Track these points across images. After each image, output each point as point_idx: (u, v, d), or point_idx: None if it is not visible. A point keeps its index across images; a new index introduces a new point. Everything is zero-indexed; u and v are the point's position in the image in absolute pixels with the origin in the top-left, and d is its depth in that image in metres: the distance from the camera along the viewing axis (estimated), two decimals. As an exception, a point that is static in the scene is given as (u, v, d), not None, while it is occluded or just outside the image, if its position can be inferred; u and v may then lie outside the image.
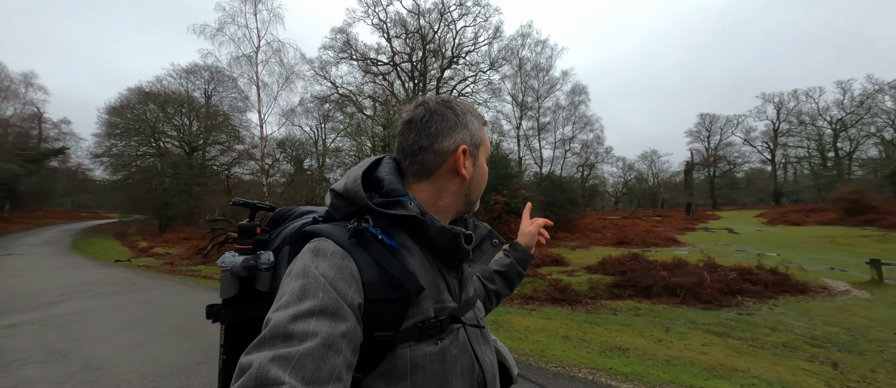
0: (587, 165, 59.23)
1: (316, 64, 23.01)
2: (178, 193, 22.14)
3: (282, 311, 0.44)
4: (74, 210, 39.27)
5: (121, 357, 3.19)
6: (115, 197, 25.41)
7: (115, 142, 23.28)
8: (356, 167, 0.63)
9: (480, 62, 25.36)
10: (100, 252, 14.29)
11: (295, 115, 26.61)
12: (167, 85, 26.11)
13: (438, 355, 0.53)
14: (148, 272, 8.98)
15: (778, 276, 6.18)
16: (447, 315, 0.57)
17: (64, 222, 29.21)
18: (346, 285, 0.48)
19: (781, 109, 45.00)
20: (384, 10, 24.43)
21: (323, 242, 0.53)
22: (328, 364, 0.41)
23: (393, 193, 0.59)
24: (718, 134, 50.41)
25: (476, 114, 0.67)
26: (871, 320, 4.37)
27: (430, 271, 0.58)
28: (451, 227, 0.59)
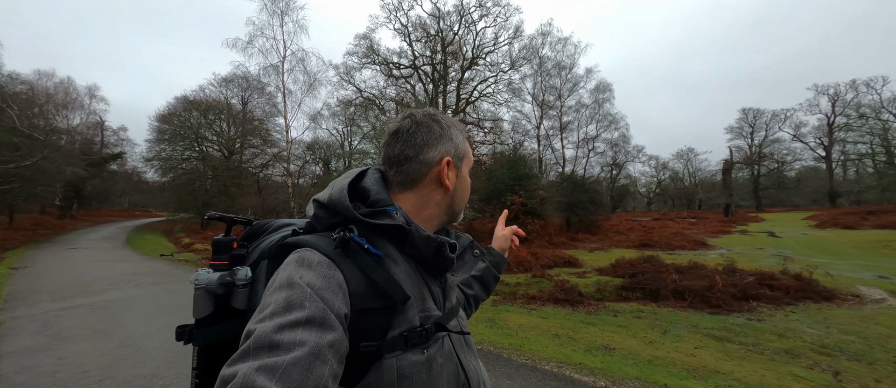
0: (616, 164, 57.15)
1: (341, 70, 24.02)
2: (218, 193, 23.90)
3: (267, 321, 0.43)
4: (130, 209, 43.42)
5: (150, 338, 3.67)
6: (163, 197, 27.83)
7: (163, 146, 25.53)
8: (341, 178, 0.64)
9: (501, 62, 25.27)
10: (149, 247, 15.81)
11: (322, 118, 27.90)
12: (209, 93, 28.23)
13: (425, 364, 0.53)
14: (185, 266, 9.89)
15: (802, 281, 5.80)
16: (432, 324, 0.57)
17: (122, 219, 32.43)
18: (333, 295, 0.48)
19: (837, 102, 41.08)
20: (405, 15, 24.98)
21: (307, 252, 0.53)
22: (315, 374, 0.40)
23: (379, 202, 0.60)
24: (763, 130, 46.90)
25: (460, 128, 0.69)
26: (891, 328, 4.06)
27: (415, 280, 0.59)
28: (437, 236, 0.60)
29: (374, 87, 24.94)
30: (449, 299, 0.65)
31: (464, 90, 26.27)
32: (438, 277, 0.64)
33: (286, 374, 0.38)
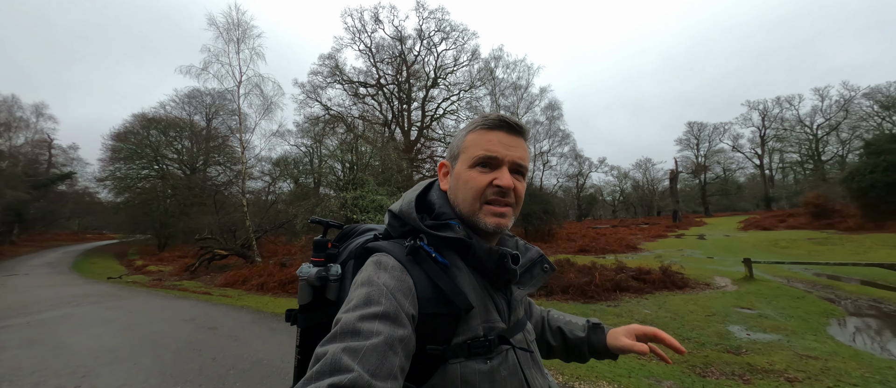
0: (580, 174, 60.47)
1: (307, 87, 24.67)
2: (178, 212, 23.37)
3: (351, 312, 0.50)
4: (80, 232, 40.86)
5: (81, 343, 4.21)
6: (117, 218, 26.73)
7: (119, 165, 24.70)
8: (411, 191, 0.69)
9: (462, 82, 26.74)
10: (97, 271, 15.41)
11: (290, 134, 28.11)
12: (170, 110, 27.68)
13: (488, 374, 0.55)
14: (132, 287, 10.04)
15: (667, 275, 7.04)
16: (496, 335, 0.59)
17: (69, 243, 30.61)
18: (404, 296, 0.53)
19: (766, 116, 45.90)
20: (369, 37, 26.09)
21: (384, 257, 0.58)
22: (388, 362, 0.46)
23: (442, 216, 0.64)
24: (707, 142, 51.31)
25: (472, 122, 0.67)
26: (702, 307, 5.25)
27: (480, 291, 0.61)
28: (498, 248, 0.62)
29: (340, 105, 25.68)
30: (515, 312, 0.65)
31: (429, 108, 27.52)
32: (503, 289, 0.65)
33: (366, 357, 0.45)
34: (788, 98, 41.48)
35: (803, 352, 3.52)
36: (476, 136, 0.65)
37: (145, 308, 6.26)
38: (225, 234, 16.00)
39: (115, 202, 26.46)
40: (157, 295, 8.12)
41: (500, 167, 0.63)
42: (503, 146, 0.63)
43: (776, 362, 3.30)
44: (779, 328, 4.28)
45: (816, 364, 3.23)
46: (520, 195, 0.65)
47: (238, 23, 13.77)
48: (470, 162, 0.64)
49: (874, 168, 15.47)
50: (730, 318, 4.73)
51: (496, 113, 0.66)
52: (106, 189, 26.72)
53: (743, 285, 6.65)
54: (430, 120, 27.39)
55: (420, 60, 27.23)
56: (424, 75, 27.46)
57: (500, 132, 0.64)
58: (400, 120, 27.41)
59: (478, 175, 0.63)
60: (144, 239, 26.09)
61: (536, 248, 0.74)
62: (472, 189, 0.63)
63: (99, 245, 28.67)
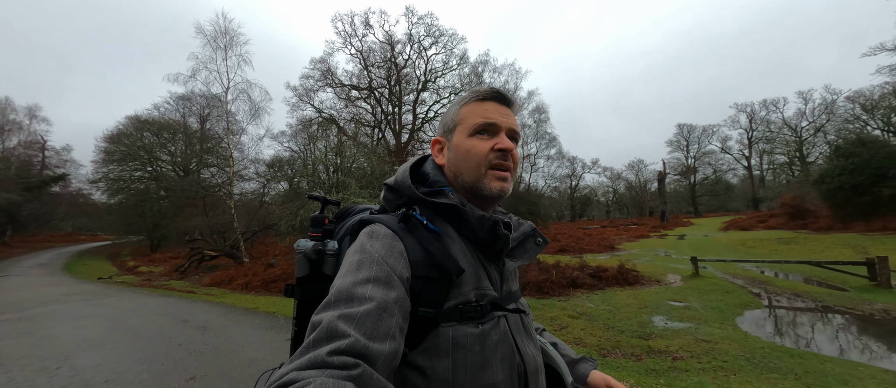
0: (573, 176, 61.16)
1: (299, 90, 25.11)
2: (172, 214, 23.66)
3: (343, 278, 0.52)
4: (74, 233, 40.99)
5: (66, 334, 4.64)
6: (109, 219, 26.98)
7: (112, 167, 24.94)
8: (405, 163, 0.73)
9: (451, 86, 27.24)
10: (88, 272, 15.75)
11: (284, 136, 28.49)
12: (164, 111, 27.92)
13: (479, 337, 0.56)
14: (121, 287, 10.43)
15: (623, 272, 7.55)
16: (487, 302, 0.60)
17: (63, 244, 30.80)
18: (395, 261, 0.55)
19: (753, 119, 46.74)
20: (360, 41, 26.55)
21: (376, 226, 0.61)
22: (384, 324, 0.48)
23: (437, 183, 0.67)
24: (697, 143, 52.11)
25: (463, 97, 0.69)
26: (639, 301, 5.74)
27: (471, 259, 0.62)
28: (491, 215, 0.64)
29: (332, 107, 26.11)
30: (507, 283, 0.67)
31: (419, 110, 27.99)
32: (495, 260, 0.67)
33: (361, 321, 0.46)
34: (774, 101, 42.36)
35: (701, 337, 4.02)
36: (472, 107, 0.67)
37: (128, 305, 6.69)
38: (215, 235, 16.39)
39: (108, 204, 26.71)
40: (143, 294, 8.54)
41: (499, 133, 0.65)
42: (499, 114, 0.66)
43: (673, 345, 3.80)
44: (695, 317, 4.79)
45: (705, 347, 3.73)
46: (516, 160, 0.67)
47: (225, 30, 14.18)
48: (469, 131, 0.65)
49: (842, 171, 16.09)
50: (658, 310, 5.23)
51: (489, 86, 0.68)
52: (99, 191, 27.00)
53: (688, 282, 7.16)
54: (421, 122, 27.84)
55: (411, 64, 27.70)
56: (415, 79, 27.94)
57: (494, 103, 0.67)
58: (391, 122, 27.86)
59: (479, 142, 0.65)
60: (137, 240, 26.36)
61: (529, 222, 0.76)
62: (476, 155, 0.64)
63: (92, 246, 28.90)
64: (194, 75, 13.77)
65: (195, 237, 16.32)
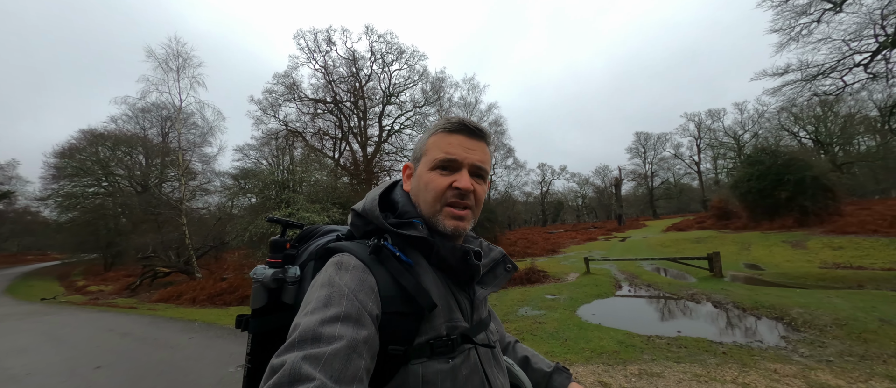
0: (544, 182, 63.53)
1: (263, 104, 25.41)
2: (128, 231, 23.07)
3: (310, 316, 0.48)
4: (20, 253, 38.61)
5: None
6: (59, 238, 25.91)
7: (63, 183, 24.07)
8: (375, 190, 0.70)
9: (413, 100, 28.35)
10: (33, 293, 15.40)
11: (251, 148, 28.37)
12: (122, 123, 27.13)
13: (449, 373, 0.55)
14: (64, 306, 10.58)
15: (530, 273, 8.69)
16: (458, 335, 0.59)
17: (8, 266, 29.14)
18: (366, 296, 0.52)
19: (701, 127, 50.73)
20: (323, 57, 27.24)
21: (345, 256, 0.58)
22: (353, 365, 0.45)
23: (406, 214, 0.65)
24: (653, 150, 55.77)
25: (435, 125, 0.68)
26: (524, 295, 6.83)
27: (443, 290, 0.61)
28: (461, 246, 0.64)
29: (296, 120, 26.51)
30: (478, 312, 0.66)
31: (385, 123, 28.87)
32: (466, 288, 0.65)
33: (328, 364, 0.43)
34: (716, 111, 46.36)
35: (539, 320, 5.10)
36: (437, 138, 0.66)
37: (64, 321, 7.12)
38: (169, 251, 16.44)
39: (58, 222, 25.66)
40: (83, 311, 8.87)
41: (460, 170, 0.63)
42: (463, 149, 0.64)
43: (513, 327, 4.85)
44: (551, 306, 5.90)
45: (535, 326, 4.80)
46: (479, 198, 0.64)
47: (177, 53, 14.60)
48: (430, 164, 0.64)
49: (750, 177, 18.31)
50: (530, 303, 6.33)
51: (458, 117, 0.67)
52: (48, 208, 25.91)
53: (581, 279, 8.38)
54: (387, 135, 28.69)
55: (375, 77, 28.63)
56: (380, 92, 28.86)
57: (461, 135, 0.65)
58: (357, 135, 28.54)
59: (437, 177, 0.63)
60: (90, 259, 25.46)
61: (499, 248, 0.75)
62: (433, 191, 0.63)
63: (40, 267, 27.57)
64: (144, 97, 14.07)
65: (148, 254, 16.32)
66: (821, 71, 13.94)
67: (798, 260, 8.48)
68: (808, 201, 15.74)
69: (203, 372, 3.39)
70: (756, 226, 18.17)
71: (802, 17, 12.39)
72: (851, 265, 7.37)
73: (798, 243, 11.24)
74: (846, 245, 9.33)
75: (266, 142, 25.83)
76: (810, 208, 15.66)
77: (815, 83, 13.77)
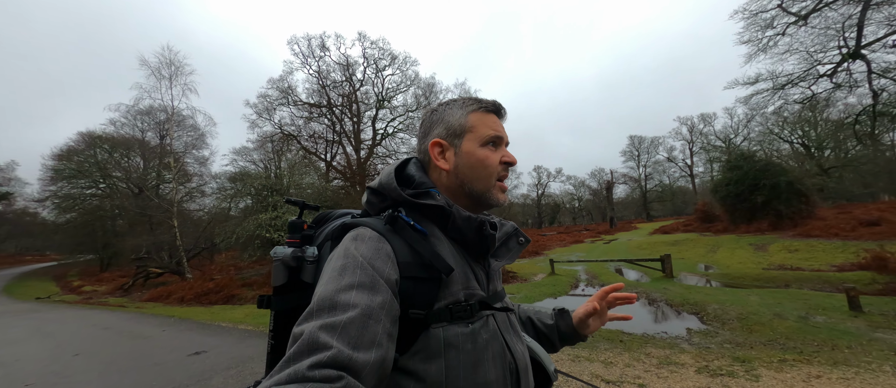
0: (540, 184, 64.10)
1: (258, 107, 25.96)
2: (124, 233, 23.45)
3: (326, 286, 0.50)
4: (19, 254, 39.08)
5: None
6: (56, 239, 26.33)
7: (61, 185, 24.45)
8: (389, 166, 0.70)
9: (404, 104, 28.91)
10: (29, 293, 15.87)
11: (247, 151, 28.86)
12: (120, 126, 27.52)
13: (470, 336, 0.56)
14: (56, 304, 11.06)
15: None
16: (476, 301, 0.60)
17: (6, 267, 29.59)
18: (382, 263, 0.54)
19: (693, 130, 51.29)
20: (317, 62, 27.81)
21: (361, 229, 0.59)
22: (369, 331, 0.46)
23: (422, 185, 0.66)
24: (646, 153, 56.33)
25: (466, 103, 0.68)
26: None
27: (459, 259, 0.62)
28: (477, 216, 0.63)
29: (290, 124, 27.03)
30: (493, 283, 0.67)
31: (378, 127, 29.40)
32: (482, 261, 0.67)
33: (345, 331, 0.45)
34: (707, 116, 46.95)
35: (485, 317, 5.59)
36: (480, 116, 0.67)
37: (55, 317, 7.59)
38: (162, 252, 16.89)
39: (56, 223, 26.07)
40: (74, 309, 9.34)
41: (504, 146, 0.67)
42: (503, 128, 0.68)
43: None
44: (503, 305, 6.39)
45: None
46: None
47: (170, 62, 15.13)
48: (481, 140, 0.65)
49: (729, 182, 18.82)
50: (487, 301, 6.81)
51: (490, 99, 0.69)
52: (46, 209, 26.35)
53: (546, 278, 8.86)
54: (380, 138, 29.22)
55: (368, 81, 29.21)
56: (374, 95, 29.43)
57: (496, 116, 0.69)
58: (350, 138, 29.09)
59: (491, 153, 0.65)
60: (86, 260, 25.90)
61: (512, 222, 0.76)
62: (490, 166, 0.65)
63: (38, 268, 28.03)
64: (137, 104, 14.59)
65: (141, 255, 16.77)
66: (789, 81, 14.51)
67: (750, 262, 8.95)
68: (782, 205, 16.23)
69: (167, 358, 3.86)
70: (735, 229, 18.63)
71: (768, 29, 12.94)
72: (791, 267, 7.83)
73: (762, 246, 11.72)
74: (802, 248, 9.81)
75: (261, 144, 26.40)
76: (784, 212, 16.15)
77: (783, 92, 14.28)
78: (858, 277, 5.80)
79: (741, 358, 3.17)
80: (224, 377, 3.23)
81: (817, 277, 6.39)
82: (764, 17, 13.13)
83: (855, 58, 12.92)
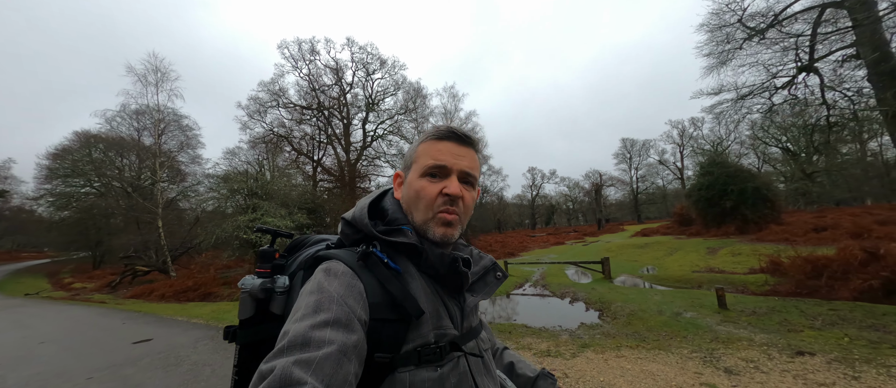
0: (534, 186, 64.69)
1: (249, 109, 26.57)
2: (117, 231, 23.91)
3: (299, 322, 0.48)
4: (15, 251, 39.65)
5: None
6: (50, 236, 26.85)
7: (57, 183, 24.89)
8: (364, 198, 0.70)
9: (393, 107, 29.52)
10: (19, 289, 16.45)
11: (241, 151, 29.32)
12: (116, 126, 27.93)
13: (437, 381, 0.54)
14: (43, 300, 11.64)
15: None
16: (447, 342, 0.58)
17: (1, 263, 30.16)
18: (354, 301, 0.52)
19: (683, 134, 51.90)
20: (307, 66, 28.40)
21: (334, 263, 0.58)
22: (343, 370, 0.45)
23: (395, 221, 0.65)
24: (638, 156, 56.93)
25: (425, 133, 0.68)
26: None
27: (432, 297, 0.61)
28: (450, 253, 0.63)
29: (282, 125, 27.62)
30: (468, 320, 0.65)
31: (368, 129, 30.00)
32: (456, 295, 0.65)
33: (319, 367, 0.43)
34: (697, 119, 47.57)
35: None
36: (427, 146, 0.66)
37: (37, 312, 8.18)
38: (149, 251, 17.46)
39: (50, 220, 26.56)
40: (58, 305, 9.94)
41: (449, 176, 0.64)
42: (452, 156, 0.64)
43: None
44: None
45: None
46: (468, 205, 0.65)
47: (156, 68, 15.72)
48: (421, 171, 0.65)
49: (701, 187, 19.43)
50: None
51: (446, 125, 0.68)
52: (41, 207, 26.86)
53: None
54: (370, 140, 29.81)
55: (358, 84, 29.81)
56: (364, 98, 30.04)
57: (450, 142, 0.66)
58: (341, 140, 29.68)
59: (428, 184, 0.63)
60: (79, 257, 26.43)
61: (490, 256, 0.75)
62: (424, 198, 0.63)
63: (32, 264, 28.61)
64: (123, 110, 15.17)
65: (129, 254, 17.35)
66: (751, 92, 15.14)
67: (691, 265, 9.54)
68: (748, 210, 16.84)
69: (116, 344, 4.46)
70: (706, 232, 19.24)
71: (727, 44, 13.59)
72: (717, 270, 8.42)
73: (715, 249, 12.33)
74: (745, 252, 10.39)
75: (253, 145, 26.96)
76: (750, 217, 16.75)
77: (744, 103, 14.91)
78: (756, 279, 6.37)
79: (590, 344, 3.76)
80: (153, 358, 3.87)
81: (725, 279, 6.97)
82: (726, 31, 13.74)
83: (808, 71, 13.57)
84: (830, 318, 3.94)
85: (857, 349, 3.01)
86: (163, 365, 3.59)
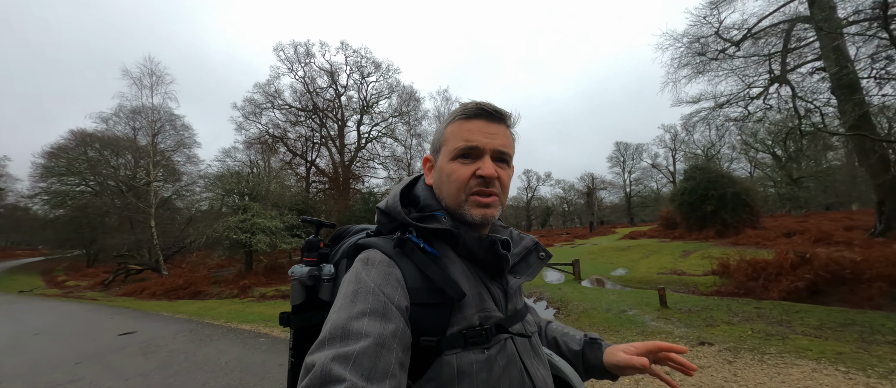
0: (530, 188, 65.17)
1: (245, 110, 26.93)
2: (112, 230, 24.14)
3: (338, 313, 0.50)
4: (9, 248, 39.73)
5: (-32, 323, 6.58)
6: (44, 234, 27.01)
7: (52, 181, 25.08)
8: (397, 185, 0.70)
9: (386, 110, 29.96)
10: (14, 286, 16.72)
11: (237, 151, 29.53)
12: (112, 124, 28.10)
13: (485, 363, 0.54)
14: (37, 297, 11.96)
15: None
16: (492, 324, 0.58)
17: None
18: (393, 289, 0.53)
19: (676, 138, 52.60)
20: (303, 68, 28.80)
21: (371, 252, 0.59)
22: (383, 362, 0.45)
23: (428, 208, 0.65)
24: (632, 159, 57.55)
25: (453, 113, 0.66)
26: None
27: (473, 280, 0.60)
28: (488, 235, 0.62)
29: (277, 126, 27.99)
30: (512, 302, 0.65)
31: (363, 130, 30.40)
32: (498, 279, 0.64)
33: (357, 362, 0.44)
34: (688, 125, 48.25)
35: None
36: (455, 127, 0.64)
37: (30, 308, 8.52)
38: (143, 250, 17.77)
39: (45, 218, 26.74)
40: (52, 301, 10.27)
41: (482, 157, 0.62)
42: (484, 135, 0.62)
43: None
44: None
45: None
46: (505, 184, 0.64)
47: (151, 72, 16.08)
48: (451, 154, 0.63)
49: (684, 191, 19.96)
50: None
51: (474, 101, 0.64)
52: (36, 205, 27.03)
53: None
54: (364, 142, 30.21)
55: (353, 86, 30.24)
56: (359, 100, 30.46)
57: (480, 120, 0.63)
58: (335, 141, 30.06)
59: (460, 167, 0.62)
60: (73, 256, 26.62)
61: (531, 236, 0.73)
62: (456, 182, 0.62)
63: (27, 262, 28.79)
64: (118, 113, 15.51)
65: (123, 252, 17.64)
66: (728, 100, 15.70)
67: (660, 267, 9.99)
68: (728, 215, 17.35)
69: (102, 336, 4.85)
70: (689, 235, 19.75)
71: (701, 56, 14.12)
72: (678, 271, 8.89)
73: (689, 252, 12.78)
74: (715, 255, 10.85)
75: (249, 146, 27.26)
76: (729, 221, 17.27)
77: (721, 111, 15.45)
78: (707, 280, 6.82)
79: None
80: (135, 347, 4.27)
81: (682, 281, 7.41)
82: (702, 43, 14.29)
83: (780, 82, 14.12)
84: (749, 315, 4.38)
85: (750, 340, 3.44)
86: (143, 352, 3.99)
